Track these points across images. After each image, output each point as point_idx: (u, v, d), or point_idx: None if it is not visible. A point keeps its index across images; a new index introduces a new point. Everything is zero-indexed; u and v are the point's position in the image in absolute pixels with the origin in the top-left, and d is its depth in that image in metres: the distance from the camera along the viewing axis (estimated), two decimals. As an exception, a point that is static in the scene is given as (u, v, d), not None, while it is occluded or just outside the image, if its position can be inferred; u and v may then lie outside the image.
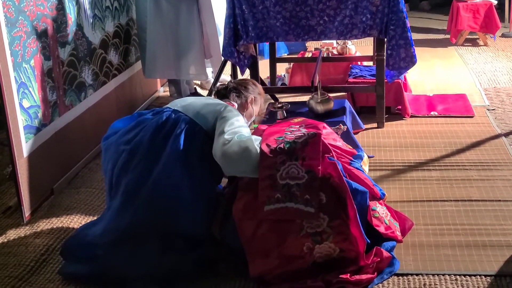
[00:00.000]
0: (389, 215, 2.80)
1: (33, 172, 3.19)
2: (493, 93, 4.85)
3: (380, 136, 4.08)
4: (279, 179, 2.54)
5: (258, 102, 3.11)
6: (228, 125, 2.66)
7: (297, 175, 2.54)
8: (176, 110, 2.78)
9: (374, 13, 3.92)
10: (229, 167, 2.62)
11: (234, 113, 2.76)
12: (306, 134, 2.65)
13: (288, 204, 2.52)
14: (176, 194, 2.59)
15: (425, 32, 7.09)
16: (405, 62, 4.01)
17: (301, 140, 2.61)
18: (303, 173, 2.54)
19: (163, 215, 2.59)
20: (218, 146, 2.61)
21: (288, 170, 2.55)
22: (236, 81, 3.14)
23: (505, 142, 3.87)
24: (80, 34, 3.79)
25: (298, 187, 2.53)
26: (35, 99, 3.25)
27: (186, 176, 2.60)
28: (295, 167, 2.56)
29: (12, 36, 3.02)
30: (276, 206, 2.52)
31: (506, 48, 6.24)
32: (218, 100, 2.95)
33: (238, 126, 2.67)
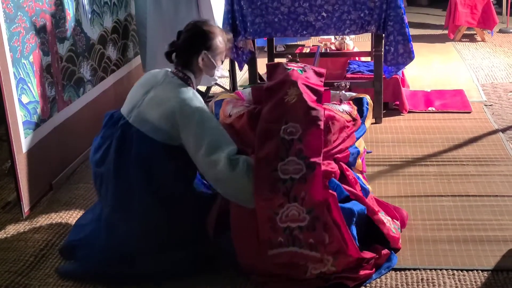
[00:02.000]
0: (394, 222, 2.77)
1: (32, 168, 3.20)
2: (490, 89, 4.87)
3: (378, 132, 4.09)
4: (279, 222, 2.39)
5: (216, 53, 2.67)
6: (199, 139, 2.47)
7: (298, 217, 2.39)
8: (130, 123, 2.59)
9: (372, 9, 3.93)
10: (223, 193, 2.51)
11: (194, 117, 2.50)
12: (304, 166, 2.40)
13: (291, 248, 2.40)
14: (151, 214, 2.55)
15: (422, 27, 7.10)
16: (403, 58, 4.03)
17: (299, 177, 2.40)
18: (304, 214, 2.38)
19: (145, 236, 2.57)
20: (205, 168, 2.49)
21: (288, 213, 2.39)
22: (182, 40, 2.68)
23: (502, 137, 3.89)
24: (78, 29, 3.79)
25: (300, 230, 2.39)
26: (34, 95, 3.25)
27: (151, 193, 2.53)
28: (295, 209, 2.39)
29: (11, 32, 3.02)
30: (280, 251, 2.40)
31: (504, 43, 6.25)
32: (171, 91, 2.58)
33: (210, 136, 2.48)
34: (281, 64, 2.66)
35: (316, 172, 2.40)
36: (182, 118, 2.50)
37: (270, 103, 2.52)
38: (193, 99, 2.55)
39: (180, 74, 2.64)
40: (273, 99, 2.52)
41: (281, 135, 2.44)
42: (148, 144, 2.54)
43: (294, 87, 2.51)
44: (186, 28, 2.70)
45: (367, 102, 2.94)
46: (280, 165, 2.41)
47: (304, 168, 2.40)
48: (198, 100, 2.57)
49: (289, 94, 2.50)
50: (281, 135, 2.44)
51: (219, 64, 2.71)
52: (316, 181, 2.40)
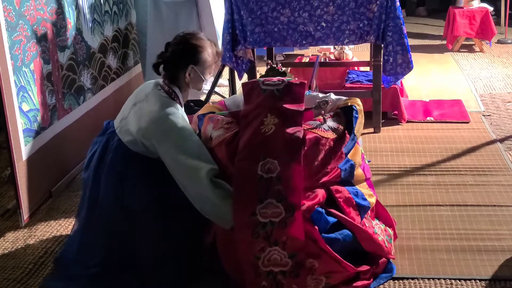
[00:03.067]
0: (387, 233, 2.76)
1: (31, 175, 3.21)
2: (488, 99, 4.89)
3: (376, 141, 4.11)
4: (262, 266, 2.34)
5: (204, 67, 2.62)
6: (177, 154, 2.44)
7: (280, 262, 2.33)
8: (115, 133, 2.61)
9: (371, 19, 3.96)
10: (200, 209, 2.46)
11: (172, 134, 2.47)
12: (283, 209, 2.33)
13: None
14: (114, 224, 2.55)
15: (421, 37, 7.13)
16: (401, 68, 4.05)
17: (279, 220, 2.32)
18: (287, 259, 2.33)
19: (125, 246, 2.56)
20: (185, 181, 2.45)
21: (269, 257, 2.33)
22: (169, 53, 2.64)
23: (500, 148, 3.90)
24: (79, 38, 3.81)
25: (283, 275, 2.33)
26: (35, 103, 3.27)
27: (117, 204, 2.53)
28: (277, 253, 2.33)
29: (12, 40, 3.04)
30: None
31: (502, 54, 6.28)
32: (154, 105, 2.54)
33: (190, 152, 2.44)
34: (257, 85, 2.54)
35: (296, 215, 2.33)
36: (159, 133, 2.47)
37: (246, 134, 2.43)
38: (173, 115, 2.49)
39: (166, 88, 2.60)
40: (249, 128, 2.44)
41: (259, 173, 2.36)
42: (125, 154, 2.54)
43: (271, 115, 2.43)
44: (174, 41, 2.64)
45: (356, 110, 2.70)
46: (258, 208, 2.34)
47: (283, 211, 2.33)
48: (179, 116, 2.51)
49: (266, 124, 2.41)
50: (259, 173, 2.36)
51: (208, 78, 2.67)
52: (296, 224, 2.33)
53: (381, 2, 3.91)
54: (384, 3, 3.91)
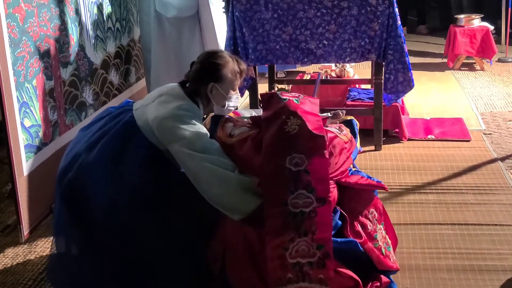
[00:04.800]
0: (385, 241, 2.78)
1: (32, 191, 3.21)
2: (489, 118, 4.90)
3: (377, 159, 4.11)
4: (289, 258, 2.34)
5: (225, 84, 2.65)
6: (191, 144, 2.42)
7: (308, 253, 2.33)
8: (132, 113, 2.59)
9: (372, 38, 3.98)
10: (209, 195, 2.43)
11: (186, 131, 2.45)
12: (314, 199, 2.37)
13: (301, 284, 2.32)
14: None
15: (422, 55, 7.15)
16: (402, 86, 4.06)
17: (309, 210, 2.36)
18: (314, 250, 2.33)
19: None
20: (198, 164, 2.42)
21: (297, 248, 2.34)
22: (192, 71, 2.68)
23: (501, 166, 3.90)
24: (82, 54, 3.83)
25: (311, 266, 2.33)
26: (36, 119, 3.28)
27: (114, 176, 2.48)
28: (305, 244, 2.34)
29: (15, 56, 3.05)
30: (289, 287, 2.34)
31: (503, 72, 6.30)
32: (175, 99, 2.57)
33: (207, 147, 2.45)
34: (275, 94, 2.63)
35: (326, 205, 2.37)
36: (174, 129, 2.46)
37: (270, 133, 2.48)
38: (192, 113, 2.51)
39: (190, 97, 2.63)
40: (272, 128, 2.49)
41: (287, 166, 2.40)
42: (132, 130, 2.52)
43: (294, 117, 2.48)
44: (198, 59, 2.70)
45: (355, 123, 2.92)
46: (290, 199, 2.37)
47: (314, 201, 2.37)
48: (196, 118, 2.53)
49: (290, 124, 2.47)
50: (287, 166, 2.40)
51: (232, 94, 2.69)
52: (326, 215, 2.37)
53: (383, 21, 3.94)
54: (385, 22, 3.94)
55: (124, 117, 2.57)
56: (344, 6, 3.95)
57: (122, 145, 2.51)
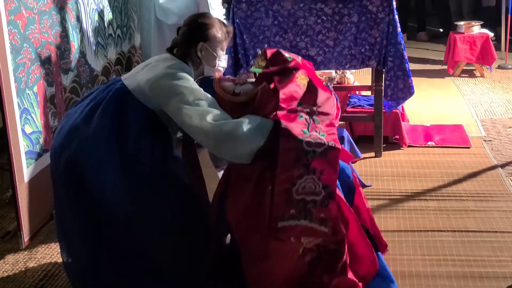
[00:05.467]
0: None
1: (33, 197, 3.21)
2: (489, 124, 4.90)
3: (377, 166, 4.11)
4: (295, 194, 2.40)
5: (214, 43, 2.64)
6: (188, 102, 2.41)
7: (314, 190, 2.40)
8: (122, 82, 2.58)
9: (372, 45, 3.99)
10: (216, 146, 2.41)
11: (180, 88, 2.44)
12: (326, 143, 2.44)
13: (302, 222, 2.40)
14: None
15: (422, 62, 7.16)
16: (403, 93, 4.07)
17: (321, 150, 2.43)
18: (320, 188, 2.41)
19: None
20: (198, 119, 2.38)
21: (305, 185, 2.40)
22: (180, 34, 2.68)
23: (502, 173, 3.91)
24: (83, 61, 3.84)
25: (314, 204, 2.40)
26: (37, 125, 3.28)
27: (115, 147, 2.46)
28: (312, 181, 2.40)
29: (16, 63, 3.06)
30: (290, 223, 2.40)
31: (503, 79, 6.31)
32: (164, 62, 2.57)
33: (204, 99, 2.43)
34: (279, 51, 2.65)
35: (336, 148, 2.44)
36: (169, 88, 2.45)
37: (282, 84, 2.51)
38: (184, 73, 2.50)
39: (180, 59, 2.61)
40: (283, 81, 2.52)
41: (299, 114, 2.47)
42: (126, 96, 2.51)
43: (301, 74, 2.55)
44: (184, 23, 2.69)
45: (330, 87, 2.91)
46: (304, 137, 2.43)
47: (326, 143, 2.44)
48: (186, 75, 2.51)
49: (300, 79, 2.54)
50: (299, 114, 2.47)
51: (220, 54, 2.68)
52: (335, 159, 2.44)
53: (383, 28, 3.95)
54: (385, 29, 3.95)
55: (115, 86, 2.56)
56: (344, 13, 3.96)
57: (118, 112, 2.48)
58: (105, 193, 2.45)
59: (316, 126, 2.47)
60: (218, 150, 2.44)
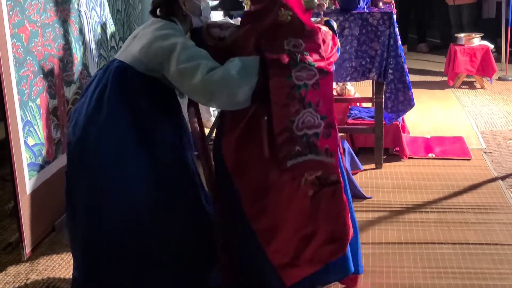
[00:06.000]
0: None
1: (35, 209, 3.23)
2: (489, 136, 4.92)
3: (378, 177, 4.12)
4: (296, 130, 2.43)
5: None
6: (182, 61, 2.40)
7: (314, 123, 2.44)
8: (116, 59, 2.59)
9: (373, 57, 4.02)
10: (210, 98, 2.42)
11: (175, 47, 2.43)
12: (316, 71, 2.45)
13: (309, 156, 2.43)
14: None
15: (423, 73, 7.19)
16: (403, 106, 4.10)
17: (313, 82, 2.44)
18: (319, 120, 2.44)
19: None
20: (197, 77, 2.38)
21: (303, 120, 2.43)
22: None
23: (502, 185, 3.92)
24: (85, 73, 3.87)
25: (317, 137, 2.44)
26: (40, 137, 3.30)
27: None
28: (310, 115, 2.44)
29: (19, 76, 3.09)
30: (298, 160, 2.43)
31: (503, 91, 6.33)
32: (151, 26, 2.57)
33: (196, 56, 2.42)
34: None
35: (329, 77, 2.46)
36: (164, 50, 2.45)
37: (263, 24, 2.49)
38: (175, 32, 2.50)
39: (166, 19, 2.59)
40: (265, 20, 2.50)
41: (286, 48, 2.46)
42: (127, 72, 2.51)
43: (285, 9, 2.50)
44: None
45: (333, 22, 2.84)
46: (293, 71, 2.44)
47: (317, 73, 2.45)
48: (179, 33, 2.51)
49: (281, 15, 2.50)
50: (286, 48, 2.46)
51: (203, 3, 2.65)
52: (328, 87, 2.46)
53: (383, 40, 3.98)
54: (386, 42, 3.98)
55: (113, 65, 2.57)
56: (345, 26, 3.99)
57: (124, 90, 2.50)
58: (125, 181, 2.47)
59: (305, 57, 2.46)
60: (214, 102, 2.45)
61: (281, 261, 2.48)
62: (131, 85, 2.50)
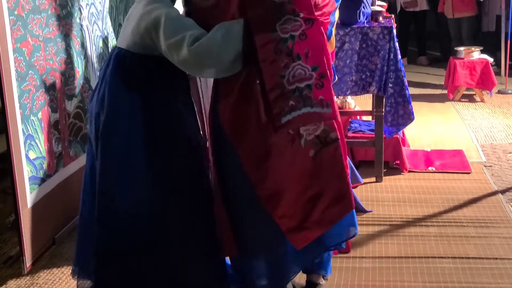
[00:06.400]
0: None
1: (35, 222, 3.23)
2: (489, 150, 4.93)
3: (378, 191, 4.13)
4: (287, 84, 2.35)
5: None
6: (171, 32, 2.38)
7: (305, 76, 2.36)
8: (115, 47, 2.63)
9: (373, 71, 4.04)
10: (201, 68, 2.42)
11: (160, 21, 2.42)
12: (302, 21, 2.36)
13: (304, 110, 2.37)
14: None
15: (423, 86, 7.22)
16: (403, 119, 4.12)
17: (299, 33, 2.36)
18: (310, 71, 2.36)
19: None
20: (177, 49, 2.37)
21: (294, 73, 2.35)
22: None
23: (502, 199, 3.92)
24: (87, 87, 3.88)
25: (310, 89, 2.36)
26: (41, 151, 3.31)
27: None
28: (300, 67, 2.36)
29: (21, 90, 3.10)
30: (293, 115, 2.37)
31: (503, 104, 6.35)
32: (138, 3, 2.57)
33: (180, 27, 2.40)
34: None
35: (315, 25, 2.38)
36: (152, 27, 2.44)
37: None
38: (159, 6, 2.48)
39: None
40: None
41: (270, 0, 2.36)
42: (126, 56, 2.53)
43: None
44: None
45: None
46: (278, 25, 2.36)
47: (303, 23, 2.37)
48: (164, 6, 2.49)
49: None
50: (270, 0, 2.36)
51: None
52: (317, 35, 2.38)
53: (383, 55, 4.00)
54: (386, 56, 4.01)
55: (113, 54, 2.60)
56: (345, 40, 4.02)
57: (125, 76, 2.52)
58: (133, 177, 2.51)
59: (290, 7, 2.37)
60: (205, 72, 2.45)
61: (289, 225, 2.44)
62: (130, 70, 2.52)
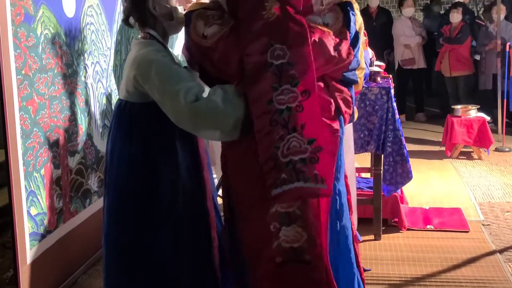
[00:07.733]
0: None
1: (34, 278, 3.23)
2: (487, 208, 4.95)
3: (377, 249, 4.14)
4: (281, 157, 2.30)
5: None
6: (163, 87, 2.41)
7: (300, 149, 2.31)
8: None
9: (371, 130, 4.11)
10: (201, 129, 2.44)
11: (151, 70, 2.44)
12: (299, 93, 2.31)
13: (296, 184, 2.30)
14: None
15: (421, 143, 7.29)
16: (401, 178, 4.16)
17: (295, 104, 2.31)
18: (306, 145, 2.31)
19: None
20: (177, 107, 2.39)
21: (289, 145, 2.31)
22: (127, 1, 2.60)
23: (500, 259, 3.93)
24: (89, 143, 3.94)
25: (304, 163, 2.30)
26: (43, 207, 3.34)
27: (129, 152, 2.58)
28: (296, 140, 2.31)
29: (26, 147, 3.16)
30: (284, 189, 2.31)
31: (500, 162, 6.40)
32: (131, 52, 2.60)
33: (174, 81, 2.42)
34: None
35: (312, 97, 2.32)
36: (141, 74, 2.47)
37: (247, 23, 2.36)
38: (148, 53, 2.49)
39: (142, 34, 2.59)
40: (250, 15, 2.37)
41: (269, 61, 2.33)
42: (125, 106, 2.59)
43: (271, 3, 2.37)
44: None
45: (352, 7, 2.56)
46: (275, 95, 2.33)
47: (299, 95, 2.32)
48: (154, 52, 2.49)
49: (267, 8, 2.35)
50: (269, 61, 2.33)
51: (175, 4, 2.59)
52: (313, 107, 2.32)
53: (381, 114, 4.08)
54: (384, 116, 4.08)
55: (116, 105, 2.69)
56: (343, 100, 4.10)
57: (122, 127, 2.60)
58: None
59: (288, 73, 2.33)
60: (200, 132, 2.47)
61: None
62: (130, 122, 2.58)
